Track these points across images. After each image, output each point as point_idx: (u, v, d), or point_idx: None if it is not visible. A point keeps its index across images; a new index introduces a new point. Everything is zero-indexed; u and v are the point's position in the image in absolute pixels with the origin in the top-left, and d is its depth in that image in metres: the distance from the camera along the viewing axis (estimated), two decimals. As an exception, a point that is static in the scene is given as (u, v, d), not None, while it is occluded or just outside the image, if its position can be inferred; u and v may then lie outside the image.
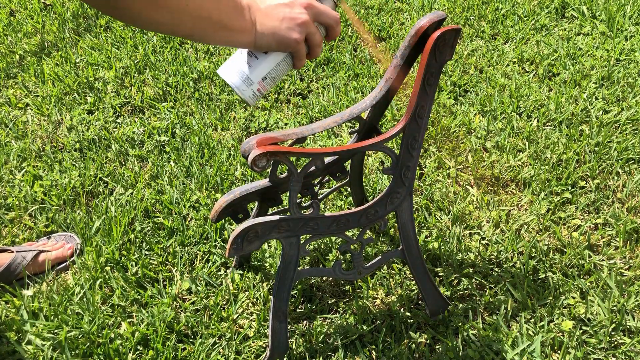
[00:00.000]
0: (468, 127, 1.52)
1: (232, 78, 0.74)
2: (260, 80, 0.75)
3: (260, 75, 0.75)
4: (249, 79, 0.74)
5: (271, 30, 0.70)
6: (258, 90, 0.76)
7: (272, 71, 0.76)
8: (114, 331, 1.05)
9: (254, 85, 0.75)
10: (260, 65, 0.75)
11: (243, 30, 0.68)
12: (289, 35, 0.70)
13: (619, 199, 1.29)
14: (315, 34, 0.73)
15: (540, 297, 1.08)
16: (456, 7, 2.07)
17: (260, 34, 0.69)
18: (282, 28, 0.70)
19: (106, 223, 1.26)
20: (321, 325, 1.05)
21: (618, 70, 1.68)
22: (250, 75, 0.74)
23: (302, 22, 0.71)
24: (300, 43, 0.72)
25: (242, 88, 0.75)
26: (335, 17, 0.74)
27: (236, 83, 0.74)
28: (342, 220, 0.89)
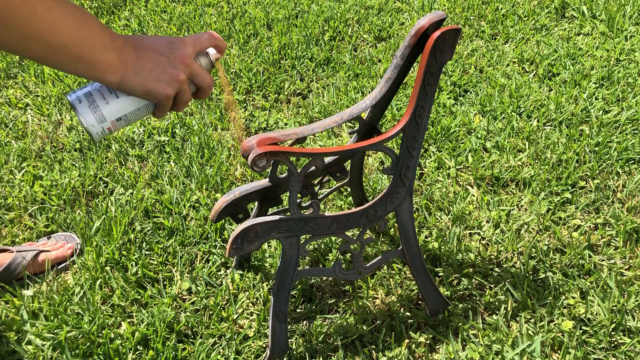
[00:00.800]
0: (468, 127, 1.52)
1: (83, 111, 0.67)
2: (113, 120, 0.68)
3: (115, 115, 0.68)
4: (102, 116, 0.67)
5: (142, 78, 0.65)
6: (108, 129, 0.69)
7: (130, 114, 0.69)
8: (114, 331, 1.05)
9: (105, 123, 0.68)
10: (119, 104, 0.68)
11: (108, 69, 0.62)
12: (160, 88, 0.66)
13: (619, 199, 1.29)
14: (186, 92, 0.69)
15: (540, 297, 1.08)
16: (456, 7, 2.07)
17: (129, 78, 0.64)
18: (155, 80, 0.66)
19: (106, 223, 1.26)
20: (321, 325, 1.05)
21: (618, 70, 1.68)
22: (105, 112, 0.67)
23: (177, 80, 0.67)
24: (169, 98, 0.68)
25: (92, 124, 0.67)
26: (209, 82, 0.71)
27: (87, 118, 0.67)
28: (342, 220, 0.89)
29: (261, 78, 1.74)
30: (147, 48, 0.66)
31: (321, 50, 1.87)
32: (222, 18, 2.09)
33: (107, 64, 0.62)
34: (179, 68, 0.67)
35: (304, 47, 1.88)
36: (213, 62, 0.74)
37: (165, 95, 0.67)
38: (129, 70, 0.64)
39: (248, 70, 1.78)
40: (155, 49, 0.66)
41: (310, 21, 2.01)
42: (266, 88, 1.72)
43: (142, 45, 0.66)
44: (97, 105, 0.67)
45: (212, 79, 0.71)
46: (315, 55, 1.84)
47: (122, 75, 0.64)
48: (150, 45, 0.66)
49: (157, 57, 0.66)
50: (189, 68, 0.68)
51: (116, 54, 0.63)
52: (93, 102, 0.67)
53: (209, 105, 1.65)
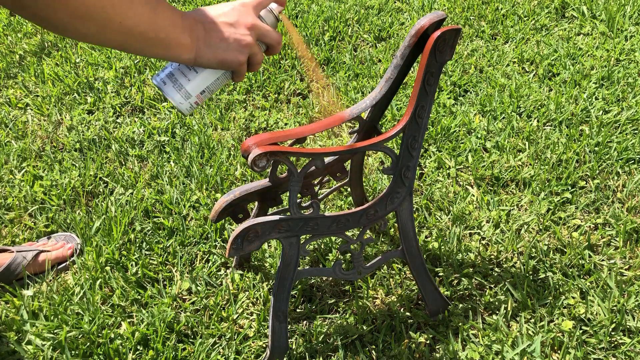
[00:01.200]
0: (468, 127, 1.52)
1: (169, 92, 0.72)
2: (198, 94, 0.73)
3: (199, 89, 0.73)
4: (187, 93, 0.72)
5: (213, 50, 0.68)
6: (195, 103, 0.74)
7: (211, 85, 0.74)
8: (114, 331, 1.05)
9: (191, 98, 0.73)
10: (200, 79, 0.73)
11: (182, 48, 0.66)
12: (232, 56, 0.69)
13: (619, 199, 1.29)
14: (257, 54, 0.72)
15: (540, 297, 1.08)
16: (456, 7, 2.07)
17: (202, 53, 0.68)
18: (226, 49, 0.69)
19: (106, 223, 1.26)
20: (321, 325, 1.05)
21: (618, 70, 1.68)
22: (188, 88, 0.72)
23: (246, 44, 0.70)
24: (242, 64, 0.71)
25: (180, 101, 0.73)
26: (277, 38, 0.73)
27: (174, 96, 0.72)
28: (342, 220, 0.89)
29: (261, 78, 1.74)
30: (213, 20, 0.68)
31: (321, 50, 1.87)
32: (222, 18, 2.09)
33: (182, 44, 0.66)
34: (245, 33, 0.69)
35: (304, 47, 1.88)
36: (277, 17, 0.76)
37: (238, 62, 0.70)
38: (201, 45, 0.68)
39: (248, 70, 1.78)
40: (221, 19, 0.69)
41: (310, 21, 2.01)
42: (266, 88, 1.72)
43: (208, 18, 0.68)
44: (181, 83, 0.72)
45: (280, 34, 0.73)
46: (315, 55, 1.84)
47: (195, 52, 0.68)
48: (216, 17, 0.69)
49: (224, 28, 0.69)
50: (255, 30, 0.70)
51: (188, 33, 0.66)
52: (176, 82, 0.72)
53: (209, 106, 1.65)
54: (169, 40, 0.64)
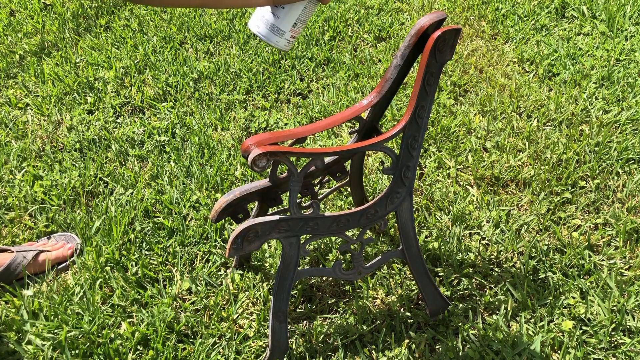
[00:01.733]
0: (468, 127, 1.52)
1: (265, 34, 0.75)
2: (291, 28, 0.76)
3: (290, 23, 0.75)
4: (280, 30, 0.75)
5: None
6: (291, 37, 0.77)
7: (301, 15, 0.76)
8: (114, 331, 1.05)
9: (286, 34, 0.76)
10: (289, 13, 0.75)
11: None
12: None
13: (619, 199, 1.29)
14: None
15: (540, 297, 1.08)
16: (456, 7, 2.07)
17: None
18: None
19: (106, 223, 1.26)
20: (321, 325, 1.05)
21: (618, 70, 1.68)
22: (281, 25, 0.75)
23: None
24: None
25: (276, 40, 0.76)
26: None
27: (269, 37, 0.75)
28: (342, 220, 0.89)
29: (261, 78, 1.74)
30: None
31: (321, 50, 1.87)
32: (222, 18, 2.09)
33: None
34: None
35: (304, 47, 1.88)
36: None
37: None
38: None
39: (248, 70, 1.78)
40: None
41: (310, 21, 2.01)
42: (266, 88, 1.72)
43: None
44: (273, 23, 0.75)
45: None
46: (315, 55, 1.84)
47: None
48: None
49: None
50: None
51: None
52: (268, 23, 0.75)
53: (209, 105, 1.65)
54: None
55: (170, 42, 1.94)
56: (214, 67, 1.80)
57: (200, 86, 1.73)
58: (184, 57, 1.85)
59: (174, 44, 1.93)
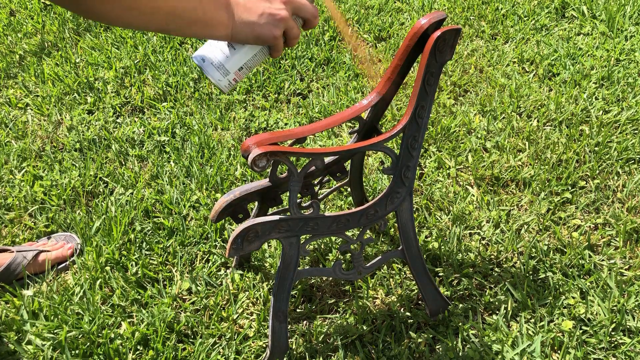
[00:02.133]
0: (468, 127, 1.52)
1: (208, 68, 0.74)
2: (236, 70, 0.75)
3: (237, 66, 0.74)
4: (225, 69, 0.74)
5: (250, 26, 0.70)
6: (234, 80, 0.75)
7: (249, 61, 0.75)
8: (114, 331, 1.05)
9: (230, 75, 0.74)
10: (237, 55, 0.74)
11: (219, 25, 0.68)
12: (267, 31, 0.71)
13: (619, 199, 1.29)
14: (293, 28, 0.73)
15: (540, 297, 1.08)
16: (456, 7, 2.07)
17: (238, 29, 0.70)
18: (261, 24, 0.70)
19: (106, 223, 1.26)
20: (321, 325, 1.05)
21: (618, 70, 1.68)
22: (227, 65, 0.74)
23: (281, 18, 0.71)
24: (278, 38, 0.72)
25: (218, 78, 0.74)
26: (312, 12, 0.74)
27: (212, 74, 0.74)
28: (342, 220, 0.89)
29: (261, 78, 1.74)
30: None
31: (321, 50, 1.87)
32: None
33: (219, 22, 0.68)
34: (279, 7, 0.71)
35: (304, 47, 1.88)
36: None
37: (273, 37, 0.71)
38: (237, 22, 0.69)
39: (248, 70, 1.78)
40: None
41: (310, 21, 2.01)
42: (266, 88, 1.72)
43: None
44: (219, 61, 0.74)
45: (316, 8, 0.74)
46: (315, 55, 1.84)
47: (232, 28, 0.69)
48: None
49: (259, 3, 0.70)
50: (289, 4, 0.72)
51: (225, 11, 0.68)
52: (215, 59, 0.74)
53: (209, 105, 1.65)
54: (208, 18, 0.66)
55: (170, 42, 1.94)
56: None
57: (200, 86, 1.73)
58: (184, 57, 1.85)
59: (174, 44, 1.93)
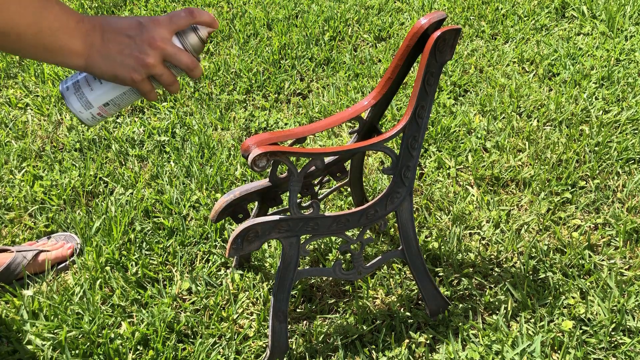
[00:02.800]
0: (468, 127, 1.52)
1: (70, 99, 0.67)
2: (101, 106, 0.68)
3: (102, 101, 0.68)
4: (88, 102, 0.68)
5: (108, 63, 0.63)
6: (98, 114, 0.69)
7: (117, 99, 0.69)
8: (114, 331, 1.05)
9: (93, 109, 0.68)
10: (104, 91, 0.68)
11: (71, 53, 0.60)
12: (125, 73, 0.63)
13: (619, 199, 1.29)
14: (162, 75, 0.65)
15: (540, 297, 1.08)
16: (456, 7, 2.07)
17: (95, 61, 0.62)
18: (120, 63, 0.63)
19: (106, 223, 1.26)
20: (321, 325, 1.05)
21: (618, 70, 1.68)
22: (90, 98, 0.67)
23: (144, 64, 0.63)
24: (139, 82, 0.65)
25: (79, 110, 0.68)
26: (187, 62, 0.65)
27: (73, 104, 0.67)
28: (342, 220, 0.89)
29: (261, 78, 1.74)
30: (115, 30, 0.63)
31: (321, 50, 1.87)
32: (222, 18, 2.09)
33: (70, 50, 0.60)
34: (146, 52, 0.63)
35: (304, 47, 1.88)
36: (204, 39, 0.68)
37: (131, 80, 0.64)
38: (95, 54, 0.62)
39: (248, 70, 1.78)
40: (123, 31, 0.63)
41: (310, 21, 2.01)
42: (266, 88, 1.72)
43: (109, 27, 0.63)
44: (83, 92, 0.67)
45: (192, 59, 0.66)
46: (315, 55, 1.84)
47: (86, 59, 0.62)
48: (118, 27, 0.63)
49: (123, 40, 0.63)
50: (159, 50, 0.64)
51: (81, 39, 0.61)
52: (79, 89, 0.67)
53: (209, 105, 1.65)
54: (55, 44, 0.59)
55: (170, 42, 1.94)
56: (214, 67, 1.80)
57: (200, 86, 1.73)
58: (184, 57, 1.85)
59: (174, 44, 1.93)
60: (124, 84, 0.65)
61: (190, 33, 0.67)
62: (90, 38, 0.61)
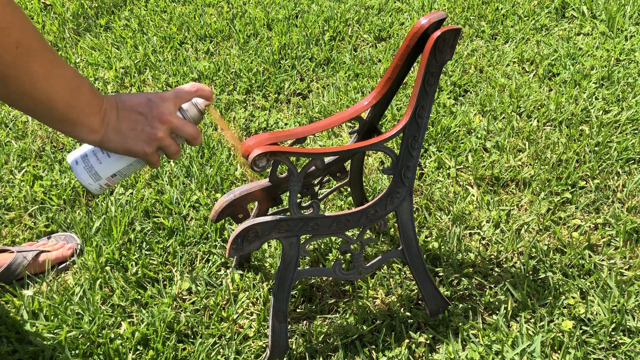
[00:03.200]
0: (468, 127, 1.52)
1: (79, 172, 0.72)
2: (109, 177, 0.73)
3: (109, 173, 0.73)
4: (97, 175, 0.72)
5: (121, 138, 0.68)
6: (106, 185, 0.74)
7: (124, 169, 0.74)
8: (114, 331, 1.05)
9: (101, 180, 0.73)
10: (112, 163, 0.72)
11: (89, 130, 0.66)
12: (139, 147, 0.69)
13: (619, 199, 1.29)
14: (169, 146, 0.72)
15: (540, 297, 1.08)
16: (456, 7, 2.07)
17: (109, 138, 0.68)
18: (133, 139, 0.69)
19: (106, 223, 1.26)
20: (321, 325, 1.05)
21: (618, 70, 1.68)
22: (99, 171, 0.72)
23: (155, 138, 0.69)
24: (149, 155, 0.71)
25: (88, 182, 0.72)
26: (192, 133, 0.73)
27: (82, 176, 0.72)
28: (342, 220, 0.89)
29: (261, 78, 1.74)
30: (127, 108, 0.68)
31: (321, 50, 1.87)
32: (222, 18, 2.09)
33: (90, 127, 0.65)
34: (156, 126, 0.69)
35: (304, 47, 1.88)
36: (202, 111, 0.76)
37: (144, 153, 0.70)
38: (110, 131, 0.67)
39: (248, 70, 1.78)
40: (135, 108, 0.69)
41: (310, 21, 2.01)
42: (266, 88, 1.72)
43: (123, 105, 0.68)
44: (92, 165, 0.72)
45: (196, 129, 0.73)
46: (315, 55, 1.84)
47: (102, 135, 0.67)
48: (130, 105, 0.69)
49: (135, 117, 0.69)
50: (168, 124, 0.70)
51: (99, 117, 0.66)
52: (87, 163, 0.72)
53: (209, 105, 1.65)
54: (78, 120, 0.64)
55: (170, 42, 1.94)
56: (214, 67, 1.80)
57: (200, 86, 1.73)
58: (184, 57, 1.85)
59: (174, 44, 1.93)
60: (136, 156, 0.71)
61: (190, 106, 0.75)
62: (107, 116, 0.67)
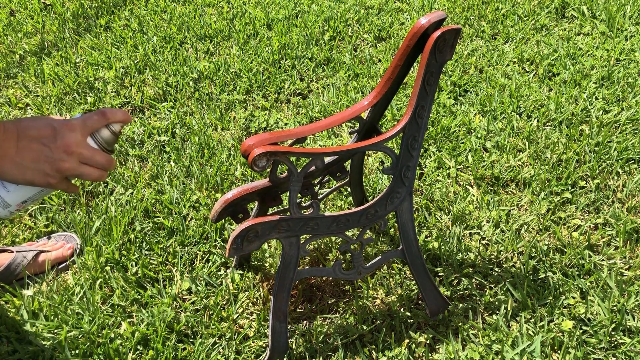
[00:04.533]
0: (468, 127, 1.52)
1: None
2: (19, 203, 0.70)
3: (19, 200, 0.70)
4: (5, 203, 0.69)
5: (19, 170, 0.64)
6: (16, 210, 0.71)
7: (34, 196, 0.71)
8: (114, 331, 1.05)
9: (11, 207, 0.70)
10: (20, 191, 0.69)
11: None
12: (40, 179, 0.66)
13: (619, 199, 1.29)
14: (83, 174, 0.68)
15: (540, 297, 1.08)
16: (456, 7, 2.07)
17: (6, 169, 0.64)
18: (33, 170, 0.65)
19: (106, 223, 1.26)
20: (321, 325, 1.05)
21: (618, 70, 1.68)
22: (7, 198, 0.69)
23: (60, 169, 0.66)
24: (55, 185, 0.67)
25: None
26: (102, 162, 0.69)
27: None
28: (342, 220, 0.89)
29: (261, 78, 1.74)
30: (29, 138, 0.65)
31: (321, 50, 1.87)
32: (222, 18, 2.09)
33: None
34: (62, 158, 0.66)
35: (304, 47, 1.88)
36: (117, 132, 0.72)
37: (47, 184, 0.67)
38: (7, 162, 0.64)
39: (248, 70, 1.78)
40: (38, 139, 0.65)
41: (310, 21, 2.01)
42: (266, 88, 1.72)
43: (24, 135, 0.65)
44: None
45: (107, 157, 0.70)
46: (315, 55, 1.84)
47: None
48: (33, 135, 0.65)
49: (38, 148, 0.65)
50: (75, 155, 0.67)
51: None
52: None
53: (209, 105, 1.65)
54: None
55: (170, 42, 1.94)
56: (214, 67, 1.80)
57: (200, 86, 1.73)
58: (184, 57, 1.85)
59: (174, 44, 1.93)
60: (40, 186, 0.68)
61: (103, 130, 0.71)
62: (4, 147, 0.63)
